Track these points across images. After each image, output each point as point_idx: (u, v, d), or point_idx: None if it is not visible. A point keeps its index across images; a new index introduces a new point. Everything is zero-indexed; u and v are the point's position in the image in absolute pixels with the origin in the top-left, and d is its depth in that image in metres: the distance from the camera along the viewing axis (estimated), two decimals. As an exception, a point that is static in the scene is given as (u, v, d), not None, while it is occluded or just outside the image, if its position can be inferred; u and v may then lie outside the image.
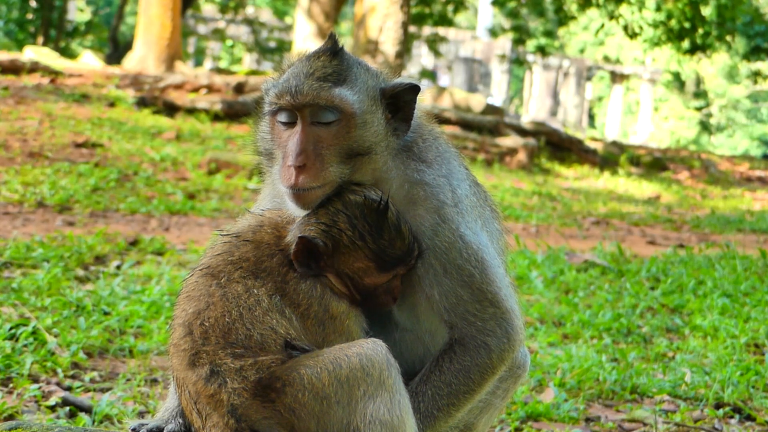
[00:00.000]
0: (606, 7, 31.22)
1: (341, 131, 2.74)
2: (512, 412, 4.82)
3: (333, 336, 2.67)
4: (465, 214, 2.83)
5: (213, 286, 2.66)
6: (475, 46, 52.00)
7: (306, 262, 2.69)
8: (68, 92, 20.17)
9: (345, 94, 2.74)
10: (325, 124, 2.73)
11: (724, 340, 6.50)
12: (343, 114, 2.73)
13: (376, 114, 2.79)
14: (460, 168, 2.95)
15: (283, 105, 2.76)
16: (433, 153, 2.90)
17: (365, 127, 2.76)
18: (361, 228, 2.70)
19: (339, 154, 2.73)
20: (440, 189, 2.82)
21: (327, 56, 2.80)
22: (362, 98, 2.77)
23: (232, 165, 14.50)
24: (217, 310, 2.62)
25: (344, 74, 2.77)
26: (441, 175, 2.85)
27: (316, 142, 2.72)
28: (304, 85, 2.73)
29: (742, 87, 59.35)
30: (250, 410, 2.55)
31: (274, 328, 2.60)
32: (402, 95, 2.83)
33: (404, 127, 2.85)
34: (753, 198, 22.99)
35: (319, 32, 24.69)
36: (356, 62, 2.84)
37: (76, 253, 7.73)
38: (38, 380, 4.69)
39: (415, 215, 2.79)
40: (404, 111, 2.84)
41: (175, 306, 2.74)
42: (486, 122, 23.98)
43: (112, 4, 51.63)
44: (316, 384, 2.52)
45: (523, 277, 8.37)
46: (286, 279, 2.68)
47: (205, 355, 2.59)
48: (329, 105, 2.72)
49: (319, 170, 2.70)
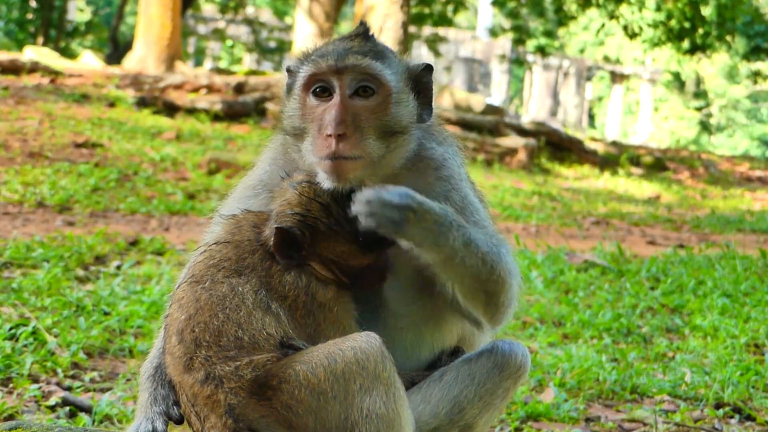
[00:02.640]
0: (606, 7, 31.21)
1: (380, 106, 2.74)
2: (512, 412, 4.82)
3: (324, 325, 2.67)
4: (469, 189, 2.93)
5: (199, 290, 2.67)
6: (475, 46, 52.00)
7: (287, 253, 2.69)
8: (68, 92, 20.18)
9: (383, 69, 2.76)
10: (364, 98, 2.74)
11: (724, 340, 6.50)
12: (382, 88, 2.75)
13: (408, 95, 2.83)
14: (460, 154, 3.02)
15: (322, 69, 2.73)
16: (442, 136, 2.98)
17: (400, 104, 2.78)
18: (336, 213, 2.70)
19: (377, 130, 2.73)
20: (448, 162, 2.90)
21: (360, 38, 2.83)
22: (397, 77, 2.80)
23: (232, 165, 14.50)
24: (206, 314, 2.63)
25: (379, 53, 2.80)
26: (448, 153, 2.93)
27: (354, 114, 2.71)
28: (345, 54, 2.73)
29: (742, 87, 59.35)
30: (248, 409, 2.55)
31: (263, 326, 2.60)
32: (422, 76, 2.87)
33: (428, 111, 2.89)
34: (753, 198, 22.99)
35: (320, 32, 24.69)
36: (386, 46, 2.89)
37: (76, 253, 7.72)
38: (38, 380, 4.69)
39: (427, 183, 2.83)
40: (425, 94, 2.88)
41: (167, 316, 2.75)
42: (486, 122, 23.99)
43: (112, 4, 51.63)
44: (312, 380, 2.52)
45: (523, 277, 8.36)
46: (270, 273, 2.68)
47: (199, 360, 2.60)
48: (371, 73, 2.73)
49: (359, 140, 2.69)
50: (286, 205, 2.74)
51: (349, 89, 2.74)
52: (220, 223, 2.86)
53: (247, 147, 17.33)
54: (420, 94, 2.87)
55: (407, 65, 2.87)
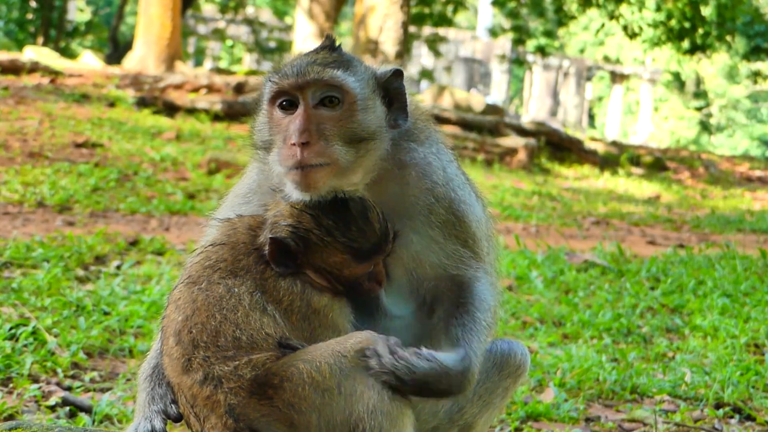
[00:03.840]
0: (606, 7, 31.22)
1: (345, 114, 2.75)
2: (512, 412, 4.82)
3: (319, 330, 2.68)
4: (457, 189, 2.90)
5: (195, 291, 2.68)
6: (475, 46, 52.02)
7: (282, 261, 2.70)
8: (68, 92, 20.17)
9: (347, 77, 2.76)
10: (329, 108, 2.74)
11: (724, 340, 6.50)
12: (346, 96, 2.75)
13: (376, 101, 2.82)
14: (447, 150, 3.00)
15: (285, 86, 2.75)
16: (424, 134, 2.96)
17: (367, 111, 2.78)
18: (326, 224, 2.71)
19: (343, 137, 2.73)
20: (431, 168, 2.88)
21: (326, 51, 2.84)
22: (362, 84, 2.80)
23: (232, 165, 14.50)
24: (203, 315, 2.63)
25: (344, 62, 2.81)
26: (431, 153, 2.91)
27: (319, 123, 2.72)
28: (307, 67, 2.75)
29: (742, 87, 59.35)
30: (248, 408, 2.55)
31: (260, 326, 2.61)
32: (391, 82, 2.87)
33: (403, 116, 2.88)
34: (753, 198, 22.99)
35: (320, 32, 24.70)
36: (352, 56, 2.89)
37: (76, 253, 7.72)
38: (38, 380, 4.69)
39: (410, 196, 2.84)
40: (398, 100, 2.88)
41: (164, 317, 2.75)
42: (486, 122, 23.99)
43: (112, 4, 51.63)
44: (317, 377, 2.52)
45: (523, 277, 8.37)
46: (264, 276, 2.69)
47: (197, 361, 2.60)
48: (333, 84, 2.74)
49: (324, 147, 2.69)
50: (279, 216, 2.75)
51: (313, 100, 2.74)
52: (216, 226, 2.87)
53: (247, 147, 17.29)
54: (393, 100, 2.87)
55: (374, 72, 2.87)
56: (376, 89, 2.84)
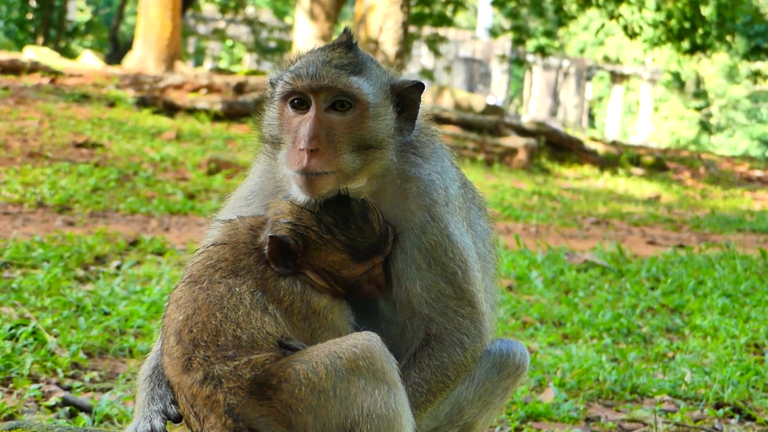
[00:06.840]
0: (606, 7, 31.20)
1: (355, 121, 2.75)
2: (512, 412, 4.82)
3: (319, 331, 2.68)
4: (454, 213, 2.87)
5: (196, 290, 2.68)
6: (475, 46, 51.98)
7: (282, 261, 2.70)
8: (68, 92, 20.17)
9: (361, 84, 2.76)
10: (340, 112, 2.74)
11: (724, 340, 6.50)
12: (358, 103, 2.75)
13: (388, 108, 2.82)
14: (452, 167, 2.98)
15: (298, 88, 2.74)
16: (430, 149, 2.93)
17: (378, 119, 2.78)
18: (327, 222, 2.72)
19: (351, 144, 2.73)
20: (433, 186, 2.85)
21: (342, 48, 2.82)
22: (376, 91, 2.79)
23: (232, 165, 14.50)
24: (203, 314, 2.64)
25: (360, 66, 2.80)
26: (435, 171, 2.88)
27: (329, 128, 2.72)
28: (322, 70, 2.73)
29: (742, 87, 59.33)
30: (247, 408, 2.55)
31: (261, 326, 2.61)
32: (408, 93, 2.86)
33: (409, 126, 2.87)
34: (753, 198, 22.98)
35: (320, 32, 24.68)
36: (369, 57, 2.88)
37: (76, 253, 7.72)
38: (38, 380, 4.69)
39: (407, 210, 2.82)
40: (410, 110, 2.87)
41: (165, 316, 2.75)
42: (486, 122, 23.99)
43: (112, 4, 51.61)
44: (313, 378, 2.52)
45: (523, 277, 8.37)
46: (264, 276, 2.69)
47: (198, 360, 2.60)
48: (346, 91, 2.73)
49: (331, 156, 2.70)
50: (279, 214, 2.76)
51: (326, 103, 2.74)
52: (218, 227, 2.88)
53: (247, 147, 17.30)
54: (405, 109, 2.86)
55: (391, 79, 2.86)
56: (390, 96, 2.83)
